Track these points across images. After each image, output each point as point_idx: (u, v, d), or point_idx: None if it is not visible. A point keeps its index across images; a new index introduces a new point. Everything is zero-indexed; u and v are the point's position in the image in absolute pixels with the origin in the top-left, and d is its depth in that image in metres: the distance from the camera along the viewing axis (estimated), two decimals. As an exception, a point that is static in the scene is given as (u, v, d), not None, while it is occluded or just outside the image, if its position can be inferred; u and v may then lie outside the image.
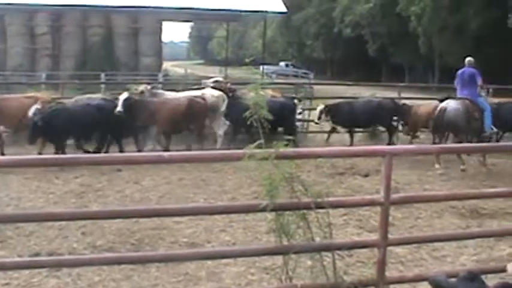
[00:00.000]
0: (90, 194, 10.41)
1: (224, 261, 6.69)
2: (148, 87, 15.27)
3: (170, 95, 15.69)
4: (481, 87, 13.71)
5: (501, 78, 28.61)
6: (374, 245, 5.77)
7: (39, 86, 22.09)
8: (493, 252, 7.42)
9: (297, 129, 15.96)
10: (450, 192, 9.30)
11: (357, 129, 16.63)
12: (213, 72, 56.28)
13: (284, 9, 41.34)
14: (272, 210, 5.09)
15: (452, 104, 13.12)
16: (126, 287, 6.40)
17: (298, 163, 5.54)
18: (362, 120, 16.11)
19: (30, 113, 12.88)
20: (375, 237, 6.17)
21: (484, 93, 14.46)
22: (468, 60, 13.53)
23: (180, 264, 6.69)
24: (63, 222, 8.01)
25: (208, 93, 15.24)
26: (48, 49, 35.80)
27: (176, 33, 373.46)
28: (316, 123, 16.47)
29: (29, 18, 35.67)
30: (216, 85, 15.76)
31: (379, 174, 6.25)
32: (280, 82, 34.55)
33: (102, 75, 26.32)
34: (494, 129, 13.54)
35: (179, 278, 6.55)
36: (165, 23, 41.23)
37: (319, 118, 16.07)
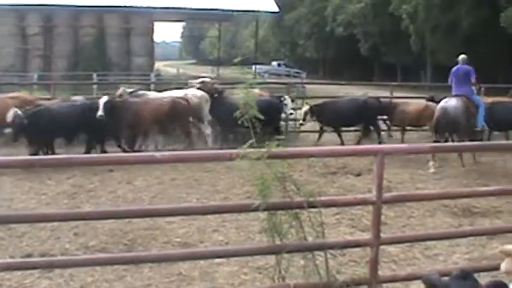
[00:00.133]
0: (82, 194, 10.37)
1: (217, 261, 6.67)
2: (128, 90, 15.15)
3: (153, 95, 15.67)
4: (474, 84, 13.77)
5: (492, 77, 28.73)
6: (366, 244, 5.77)
7: (31, 86, 22.10)
8: (485, 251, 7.42)
9: (281, 129, 15.90)
10: (442, 191, 9.30)
11: (345, 129, 16.60)
12: (205, 72, 56.40)
13: (276, 9, 41.47)
14: (265, 209, 5.09)
15: (451, 102, 13.13)
16: (118, 288, 6.39)
17: (290, 163, 5.54)
18: (347, 120, 16.08)
19: (9, 118, 12.74)
20: (367, 236, 6.18)
21: (475, 92, 14.48)
22: (462, 58, 13.54)
23: (173, 264, 6.68)
24: (56, 223, 7.98)
25: (191, 93, 15.24)
26: (39, 49, 35.81)
27: (168, 33, 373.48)
28: (301, 125, 16.47)
29: (20, 19, 35.66)
30: (202, 86, 15.70)
31: (371, 173, 6.24)
32: (272, 82, 34.60)
33: (94, 76, 26.39)
34: (485, 126, 13.57)
35: (172, 278, 6.53)
36: (157, 23, 41.30)
37: (304, 119, 16.11)
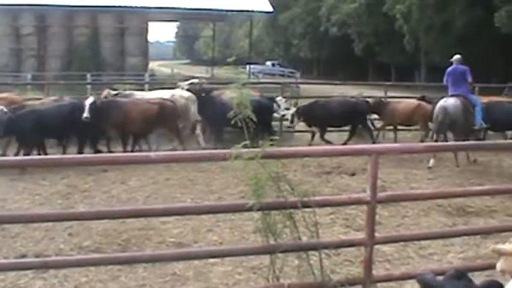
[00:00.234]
0: (76, 194, 10.36)
1: (211, 260, 6.67)
2: (112, 92, 15.08)
3: (139, 96, 15.65)
4: (470, 84, 13.83)
5: (486, 76, 28.76)
6: (361, 244, 5.78)
7: (24, 86, 22.04)
8: (480, 250, 7.44)
9: (273, 129, 15.70)
10: (437, 191, 9.32)
11: (340, 129, 16.61)
12: (200, 72, 56.42)
13: (270, 9, 41.46)
14: (259, 209, 5.08)
15: (451, 101, 13.17)
16: (113, 288, 6.38)
17: (284, 162, 5.54)
18: (333, 121, 16.07)
19: None
20: (361, 235, 6.18)
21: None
22: (457, 58, 13.59)
23: (167, 264, 6.68)
24: (50, 224, 7.98)
25: (177, 94, 15.24)
26: (33, 49, 35.73)
27: (162, 33, 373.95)
28: (290, 127, 16.44)
29: (14, 19, 35.57)
30: (190, 87, 15.66)
31: (365, 173, 6.26)
32: (266, 82, 34.61)
33: (88, 76, 26.34)
34: (483, 125, 13.60)
35: (166, 278, 6.53)
36: (151, 23, 41.25)
37: (291, 121, 16.08)
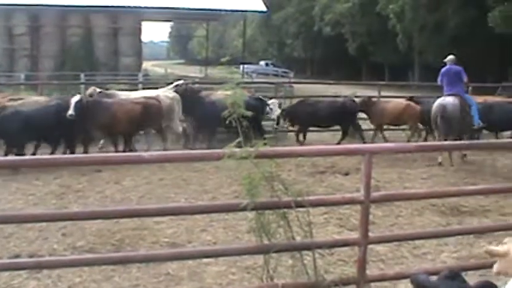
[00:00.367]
0: (70, 195, 10.33)
1: (205, 260, 6.67)
2: (98, 90, 15.04)
3: (124, 95, 15.63)
4: (466, 84, 13.89)
5: (479, 76, 28.85)
6: (355, 244, 5.78)
7: (18, 86, 21.98)
8: (474, 249, 7.45)
9: (263, 129, 15.55)
10: (430, 190, 9.30)
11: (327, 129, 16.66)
12: (194, 71, 56.42)
13: (264, 8, 41.41)
14: (252, 209, 5.08)
15: (449, 100, 13.20)
16: (106, 288, 6.37)
17: (278, 162, 5.53)
18: (320, 120, 16.14)
19: None
20: (355, 235, 6.18)
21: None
22: (451, 58, 13.64)
23: (161, 264, 6.67)
24: (43, 224, 7.95)
25: (162, 94, 15.26)
26: (26, 49, 35.61)
27: (156, 33, 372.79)
28: (276, 128, 16.42)
29: (6, 19, 35.43)
30: (177, 89, 15.59)
31: (359, 172, 6.27)
32: (260, 81, 34.61)
33: (82, 76, 26.24)
34: (481, 124, 13.63)
35: (160, 278, 6.52)
36: (144, 23, 41.20)
37: (277, 123, 16.08)
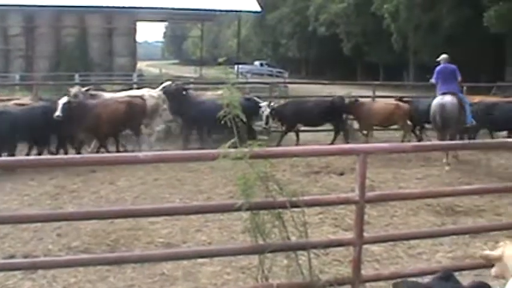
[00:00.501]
0: (65, 195, 10.32)
1: (200, 261, 6.67)
2: (83, 89, 14.98)
3: (109, 95, 15.65)
4: (460, 83, 13.94)
5: (474, 76, 28.90)
6: (349, 244, 5.78)
7: (12, 87, 21.96)
8: (468, 249, 7.46)
9: (253, 130, 15.33)
10: (425, 190, 9.30)
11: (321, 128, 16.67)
12: (188, 72, 56.38)
13: (258, 9, 41.42)
14: (247, 209, 5.08)
15: (447, 99, 13.21)
16: (101, 289, 6.36)
17: (273, 162, 5.53)
18: (308, 120, 16.19)
19: None
20: (350, 235, 6.18)
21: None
22: (445, 57, 13.66)
23: (156, 264, 6.67)
24: (38, 224, 7.94)
25: (147, 94, 15.29)
26: (21, 50, 35.59)
27: (150, 33, 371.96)
28: (265, 128, 16.34)
29: (1, 19, 35.40)
30: (165, 89, 15.53)
31: (354, 172, 6.29)
32: (255, 81, 34.62)
33: (76, 76, 26.24)
34: (473, 122, 13.66)
35: (155, 278, 6.52)
36: (139, 23, 41.16)
37: (266, 123, 15.98)
